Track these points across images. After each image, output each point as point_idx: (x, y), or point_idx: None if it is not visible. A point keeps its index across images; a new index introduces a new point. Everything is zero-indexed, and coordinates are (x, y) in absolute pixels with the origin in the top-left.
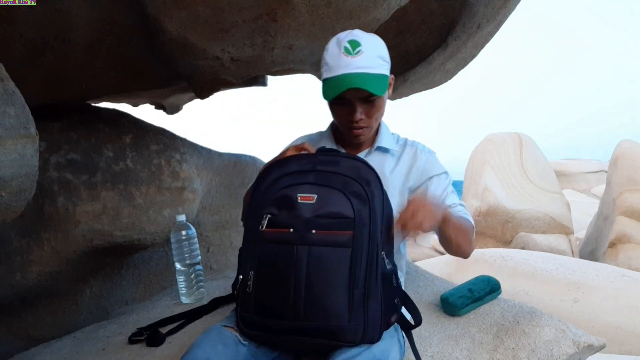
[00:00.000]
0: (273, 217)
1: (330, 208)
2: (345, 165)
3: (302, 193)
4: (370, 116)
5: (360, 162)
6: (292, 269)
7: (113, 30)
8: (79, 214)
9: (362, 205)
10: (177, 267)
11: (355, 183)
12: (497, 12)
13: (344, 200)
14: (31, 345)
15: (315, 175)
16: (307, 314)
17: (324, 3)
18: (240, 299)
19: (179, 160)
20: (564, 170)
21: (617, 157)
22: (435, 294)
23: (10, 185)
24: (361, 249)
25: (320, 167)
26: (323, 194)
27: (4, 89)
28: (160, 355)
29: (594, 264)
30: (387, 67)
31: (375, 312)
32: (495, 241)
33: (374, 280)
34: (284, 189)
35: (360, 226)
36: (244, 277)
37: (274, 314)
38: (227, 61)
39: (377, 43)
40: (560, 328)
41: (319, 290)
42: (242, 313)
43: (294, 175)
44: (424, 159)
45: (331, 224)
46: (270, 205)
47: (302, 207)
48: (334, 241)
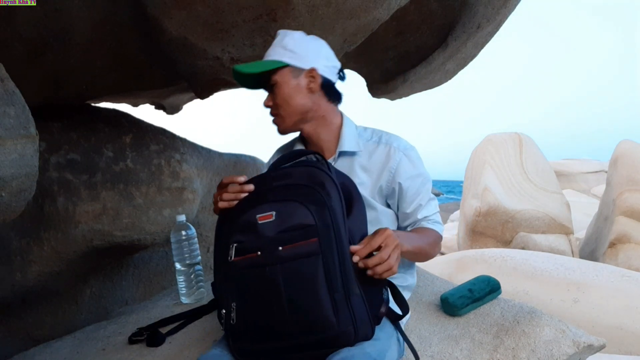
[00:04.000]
0: (239, 245)
1: (290, 221)
2: (298, 174)
3: (260, 213)
4: (276, 104)
5: (312, 166)
6: (270, 290)
7: (113, 30)
8: (79, 214)
9: (321, 209)
10: (177, 267)
11: (310, 189)
12: (497, 12)
13: (302, 209)
14: (31, 345)
15: (270, 192)
16: (296, 330)
17: (324, 3)
18: (229, 332)
19: (179, 160)
20: (564, 170)
21: (617, 157)
22: (435, 294)
23: (10, 185)
24: (331, 251)
25: (276, 183)
26: (280, 209)
27: (4, 89)
28: (160, 355)
29: (594, 264)
30: (288, 56)
31: (360, 310)
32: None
33: (351, 279)
34: (243, 214)
35: (324, 230)
36: (226, 311)
37: (265, 337)
38: (227, 61)
39: (288, 36)
40: (560, 328)
41: (301, 303)
42: (235, 345)
43: (251, 199)
44: (397, 159)
45: (295, 236)
46: (235, 234)
47: (264, 227)
48: (302, 252)
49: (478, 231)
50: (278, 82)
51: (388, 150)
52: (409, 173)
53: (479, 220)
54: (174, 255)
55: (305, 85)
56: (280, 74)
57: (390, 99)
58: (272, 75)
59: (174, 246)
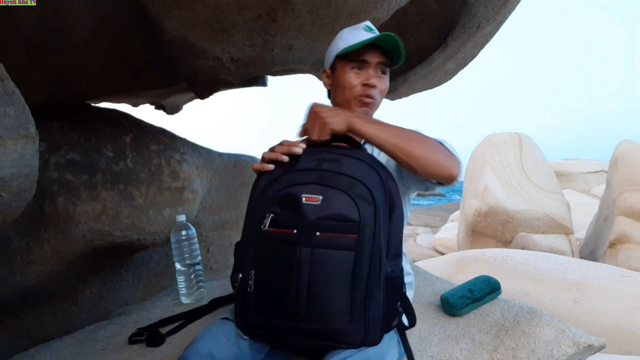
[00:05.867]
0: (276, 217)
1: (335, 210)
2: (350, 165)
3: (307, 194)
4: (378, 89)
5: (364, 162)
6: (294, 270)
7: (113, 30)
8: (79, 214)
9: (368, 208)
10: (177, 267)
11: (361, 185)
12: (497, 12)
13: (349, 202)
14: (31, 345)
15: (320, 175)
16: (307, 315)
17: (324, 3)
18: (240, 298)
19: (179, 160)
20: (564, 170)
21: (617, 157)
22: (435, 294)
23: (10, 186)
24: (365, 252)
25: (326, 165)
26: (328, 195)
27: (4, 89)
28: (160, 356)
29: (594, 264)
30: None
31: (376, 316)
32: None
33: (377, 284)
34: (288, 187)
35: (365, 229)
36: (244, 276)
37: (274, 314)
38: (227, 61)
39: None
40: (560, 328)
41: (321, 292)
42: (242, 312)
43: (298, 174)
44: None
45: (336, 227)
46: (273, 204)
47: (307, 209)
48: (338, 244)
49: (478, 231)
50: (388, 73)
51: None
52: None
53: (479, 221)
54: (174, 255)
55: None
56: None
57: (390, 99)
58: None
59: (174, 246)
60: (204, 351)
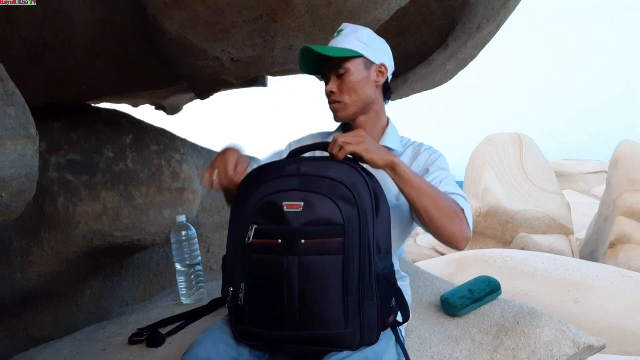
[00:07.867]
0: (259, 227)
1: (317, 215)
2: (329, 167)
3: (288, 201)
4: (341, 91)
5: (344, 163)
6: (283, 279)
7: (113, 30)
8: (79, 214)
9: (351, 209)
10: (177, 268)
11: (342, 186)
12: (497, 13)
13: (331, 205)
14: (31, 345)
15: (300, 180)
16: (302, 323)
17: (324, 3)
18: (233, 311)
19: (179, 160)
20: (564, 170)
21: (617, 157)
22: (435, 294)
23: (11, 186)
24: (352, 254)
25: (305, 169)
26: (309, 200)
27: (4, 89)
28: (160, 356)
29: (594, 265)
30: (362, 48)
31: (371, 316)
32: (495, 241)
33: (368, 285)
34: (268, 196)
35: (350, 231)
36: (234, 289)
37: (269, 325)
38: (227, 61)
39: (361, 30)
40: (560, 328)
41: (313, 299)
42: (237, 325)
43: (277, 181)
44: (425, 155)
45: (320, 232)
46: (255, 215)
47: (289, 216)
48: (324, 249)
49: (478, 231)
50: (350, 69)
51: (418, 149)
52: (436, 165)
53: (479, 221)
54: (174, 255)
55: (373, 78)
56: (354, 62)
57: (390, 99)
58: (343, 63)
59: (174, 246)
60: (203, 355)
